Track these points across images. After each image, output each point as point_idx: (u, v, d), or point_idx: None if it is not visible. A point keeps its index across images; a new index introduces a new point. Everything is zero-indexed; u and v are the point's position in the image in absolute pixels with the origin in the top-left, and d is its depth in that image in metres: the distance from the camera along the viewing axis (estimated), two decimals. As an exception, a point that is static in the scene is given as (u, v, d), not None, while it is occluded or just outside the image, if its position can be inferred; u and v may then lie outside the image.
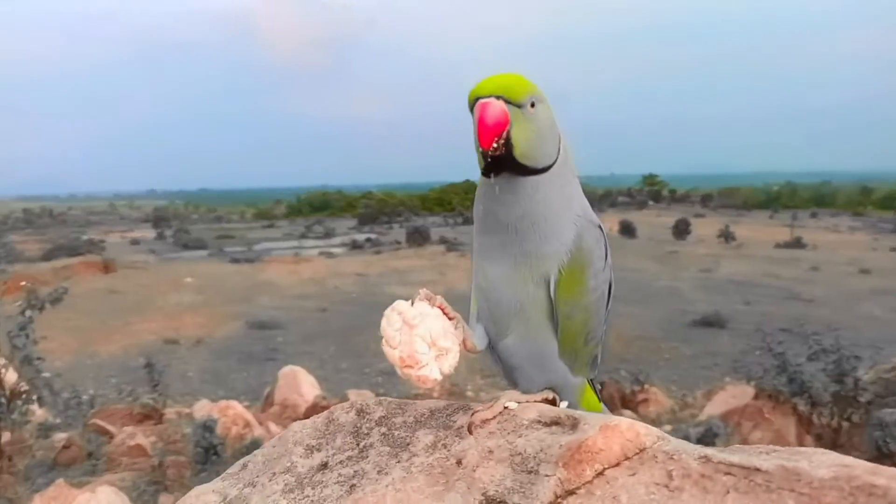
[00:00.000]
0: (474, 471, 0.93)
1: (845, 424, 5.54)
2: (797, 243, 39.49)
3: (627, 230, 44.95)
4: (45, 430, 5.70)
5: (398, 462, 0.99)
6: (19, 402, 4.80)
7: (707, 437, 4.10)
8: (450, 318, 1.07)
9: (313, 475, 1.02)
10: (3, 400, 4.66)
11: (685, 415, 7.05)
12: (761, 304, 20.30)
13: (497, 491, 0.88)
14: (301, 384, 7.80)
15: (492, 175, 0.98)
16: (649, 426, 0.98)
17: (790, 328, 16.20)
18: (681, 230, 43.06)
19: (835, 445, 5.40)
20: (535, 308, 1.05)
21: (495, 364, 1.17)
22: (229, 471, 1.16)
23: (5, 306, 5.46)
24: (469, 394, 4.72)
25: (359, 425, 1.13)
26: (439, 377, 1.02)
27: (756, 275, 27.23)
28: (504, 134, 0.93)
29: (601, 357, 1.23)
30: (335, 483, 0.99)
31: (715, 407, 6.54)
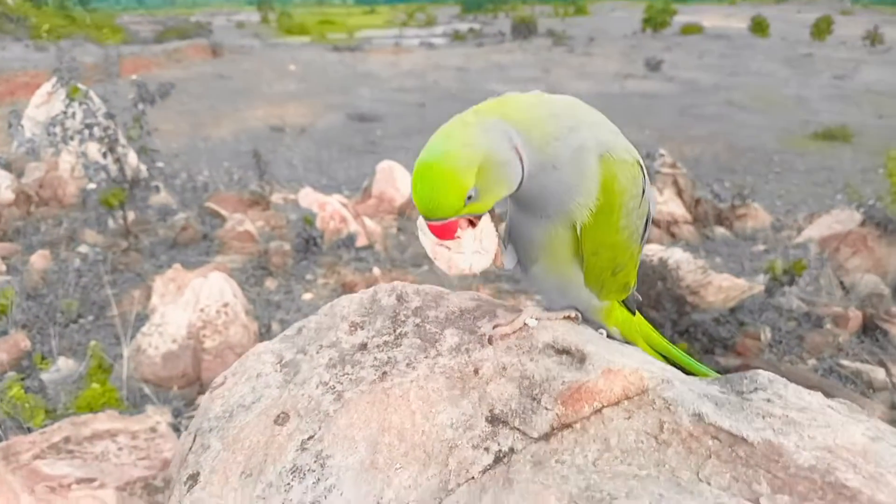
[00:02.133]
0: (487, 384, 1.00)
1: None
2: (960, 48, 34.34)
3: (759, 27, 40.32)
4: (165, 213, 6.28)
5: (426, 357, 1.07)
6: (140, 187, 5.27)
7: (797, 265, 3.99)
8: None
9: (353, 353, 1.12)
10: (127, 185, 5.13)
11: (783, 236, 6.81)
12: (897, 119, 18.38)
13: (502, 411, 0.95)
14: (397, 179, 8.02)
15: None
16: (656, 367, 0.98)
17: (924, 147, 14.75)
18: (821, 30, 38.19)
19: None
20: (559, 244, 1.02)
21: (524, 281, 1.17)
22: (286, 333, 1.26)
23: (122, 90, 5.75)
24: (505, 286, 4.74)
25: (397, 311, 1.20)
26: (468, 271, 1.02)
27: (900, 84, 24.32)
28: (458, 231, 0.97)
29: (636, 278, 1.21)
30: (371, 366, 1.08)
31: (816, 230, 6.24)
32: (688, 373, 1.16)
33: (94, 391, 3.29)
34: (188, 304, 3.81)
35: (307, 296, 4.67)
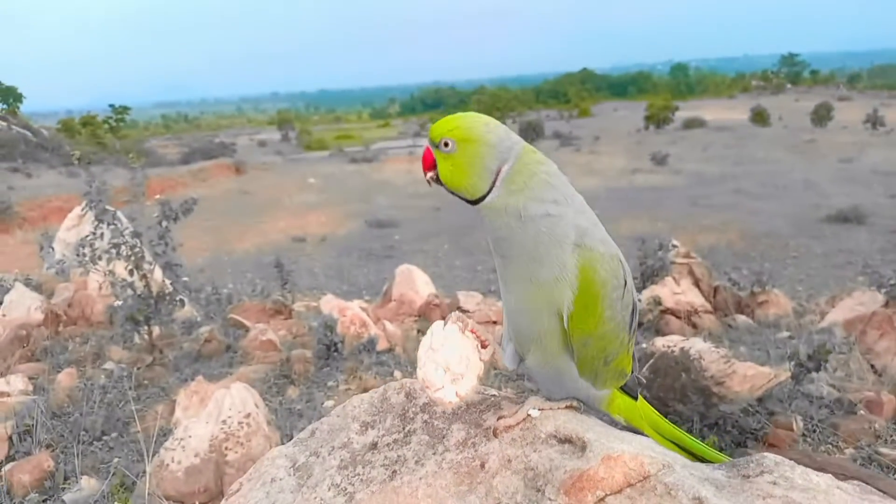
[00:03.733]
0: (493, 477, 1.02)
1: None
2: (961, 128, 34.84)
3: (759, 118, 41.41)
4: (189, 326, 6.38)
5: (434, 454, 1.10)
6: (165, 302, 5.41)
7: (820, 350, 3.92)
8: (482, 342, 1.13)
9: (364, 454, 1.15)
10: (152, 301, 5.27)
11: (806, 321, 6.72)
12: (908, 198, 18.42)
13: None
14: (416, 281, 8.12)
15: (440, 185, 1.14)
16: (657, 453, 0.99)
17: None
18: (821, 116, 39.14)
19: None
20: (550, 337, 1.07)
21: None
22: (300, 436, 1.30)
23: (148, 209, 5.99)
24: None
25: (406, 408, 1.24)
26: (455, 400, 1.08)
27: (906, 165, 24.54)
28: (434, 172, 1.12)
29: (635, 366, 1.23)
30: (381, 465, 1.11)
31: (839, 313, 6.16)
32: (698, 457, 1.15)
33: (115, 511, 3.26)
34: (211, 416, 3.82)
35: (329, 403, 4.65)
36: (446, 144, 1.08)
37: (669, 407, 3.84)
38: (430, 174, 1.12)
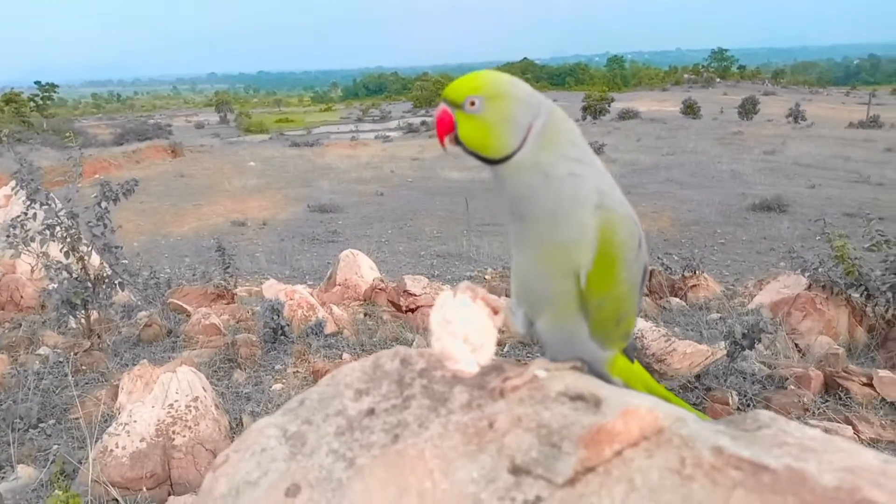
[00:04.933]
0: (504, 436, 1.00)
1: (902, 316, 5.47)
2: (873, 122, 36.93)
3: (691, 110, 42.83)
4: (128, 310, 6.19)
5: (437, 416, 1.07)
6: (103, 286, 5.22)
7: (754, 330, 4.14)
8: (493, 308, 1.12)
9: (362, 419, 1.12)
10: (90, 284, 5.08)
11: (735, 303, 7.04)
12: (827, 188, 19.43)
13: (523, 460, 0.95)
14: (361, 266, 8.09)
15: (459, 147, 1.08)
16: (667, 407, 1.00)
17: (854, 213, 15.58)
18: (747, 109, 40.81)
19: (886, 339, 5.37)
20: (563, 299, 1.07)
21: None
22: (288, 405, 1.25)
23: (83, 191, 5.75)
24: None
25: (402, 374, 1.20)
26: (476, 369, 1.08)
27: (824, 157, 25.88)
28: (452, 134, 1.06)
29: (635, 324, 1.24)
30: (381, 430, 1.08)
31: (766, 296, 6.48)
32: None
33: (56, 499, 3.15)
34: (157, 400, 3.73)
35: (277, 386, 4.61)
36: (472, 104, 1.03)
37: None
38: (447, 139, 1.07)
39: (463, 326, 1.08)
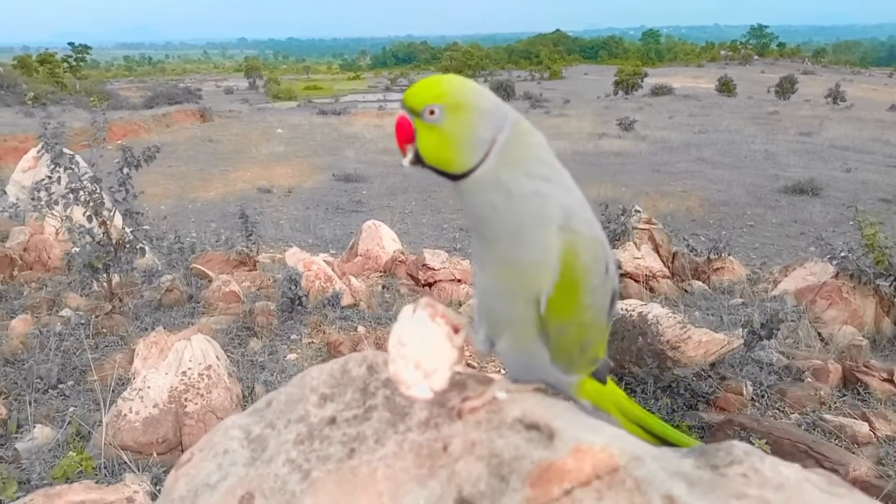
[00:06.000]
0: (456, 462, 0.97)
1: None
2: (918, 105, 35.65)
3: (726, 87, 41.79)
4: (150, 274, 6.27)
5: (395, 433, 1.05)
6: (125, 250, 5.29)
7: (773, 320, 4.05)
8: (454, 326, 1.05)
9: (322, 428, 1.10)
10: (112, 248, 5.14)
11: (759, 288, 6.91)
12: (863, 172, 18.89)
13: (470, 493, 0.92)
14: (382, 237, 8.10)
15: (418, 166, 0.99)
16: (626, 442, 0.95)
17: (891, 199, 15.12)
18: (785, 89, 39.75)
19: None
20: (523, 322, 1.01)
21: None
22: (256, 405, 1.24)
23: (111, 154, 5.80)
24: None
25: (367, 382, 1.17)
26: (429, 395, 1.03)
27: (862, 140, 25.11)
28: (413, 143, 0.97)
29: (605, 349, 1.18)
30: (339, 442, 1.06)
31: (791, 282, 6.34)
32: (664, 440, 1.14)
33: (70, 460, 3.23)
34: (170, 367, 3.78)
35: (291, 356, 4.66)
36: (432, 112, 0.94)
37: (625, 369, 3.94)
38: (408, 148, 0.98)
39: (416, 350, 1.02)
